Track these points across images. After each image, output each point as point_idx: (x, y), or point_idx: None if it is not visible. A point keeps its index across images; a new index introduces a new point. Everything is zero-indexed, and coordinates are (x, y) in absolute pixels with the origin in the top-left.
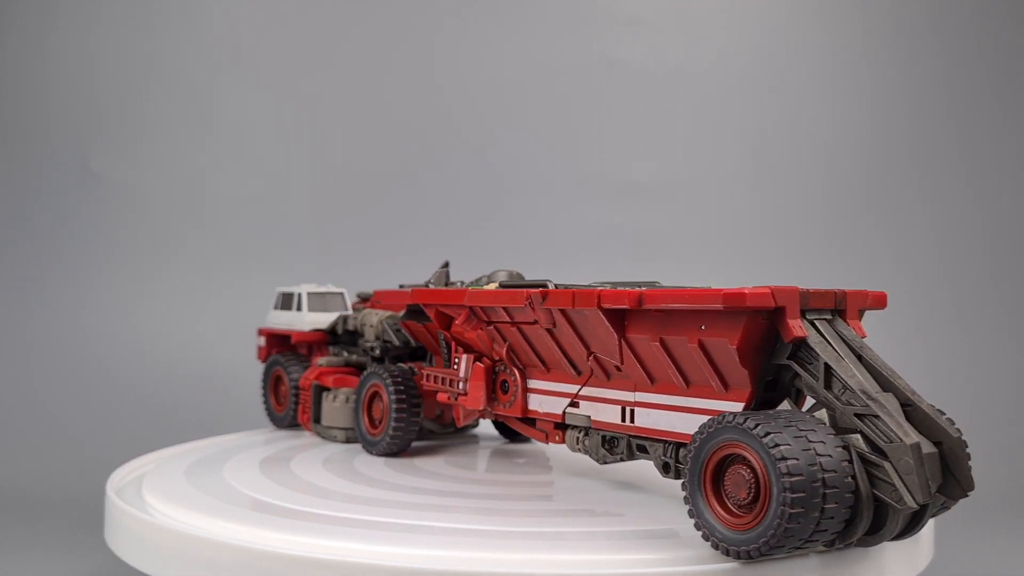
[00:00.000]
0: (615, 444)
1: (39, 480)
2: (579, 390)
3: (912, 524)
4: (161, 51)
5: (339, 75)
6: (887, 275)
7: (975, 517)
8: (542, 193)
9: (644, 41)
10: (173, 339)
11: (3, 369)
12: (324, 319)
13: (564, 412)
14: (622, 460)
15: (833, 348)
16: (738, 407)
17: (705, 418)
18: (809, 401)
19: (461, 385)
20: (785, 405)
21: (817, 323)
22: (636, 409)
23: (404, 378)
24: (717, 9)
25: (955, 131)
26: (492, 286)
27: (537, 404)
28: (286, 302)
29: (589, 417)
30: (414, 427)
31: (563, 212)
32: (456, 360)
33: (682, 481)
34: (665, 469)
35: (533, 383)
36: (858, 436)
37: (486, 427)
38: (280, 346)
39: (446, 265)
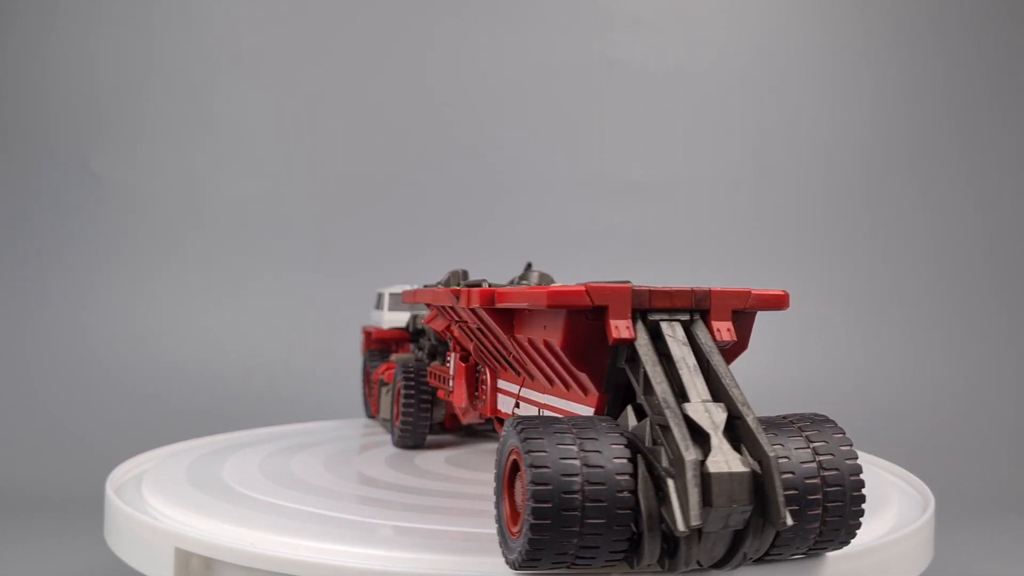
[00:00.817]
0: None
1: (39, 479)
2: (519, 390)
3: (731, 552)
4: (161, 51)
5: (339, 75)
6: (887, 275)
7: (975, 517)
8: (542, 193)
9: (644, 41)
10: (173, 338)
11: (3, 369)
12: (402, 318)
13: (513, 412)
14: None
15: (658, 352)
16: (589, 411)
17: None
18: None
19: (451, 383)
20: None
21: (663, 324)
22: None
23: (416, 373)
24: (717, 9)
25: (955, 131)
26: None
27: (503, 404)
28: (377, 301)
29: None
30: (423, 421)
31: (563, 212)
32: (448, 358)
33: None
34: None
35: (502, 383)
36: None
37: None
38: (375, 343)
39: (529, 266)
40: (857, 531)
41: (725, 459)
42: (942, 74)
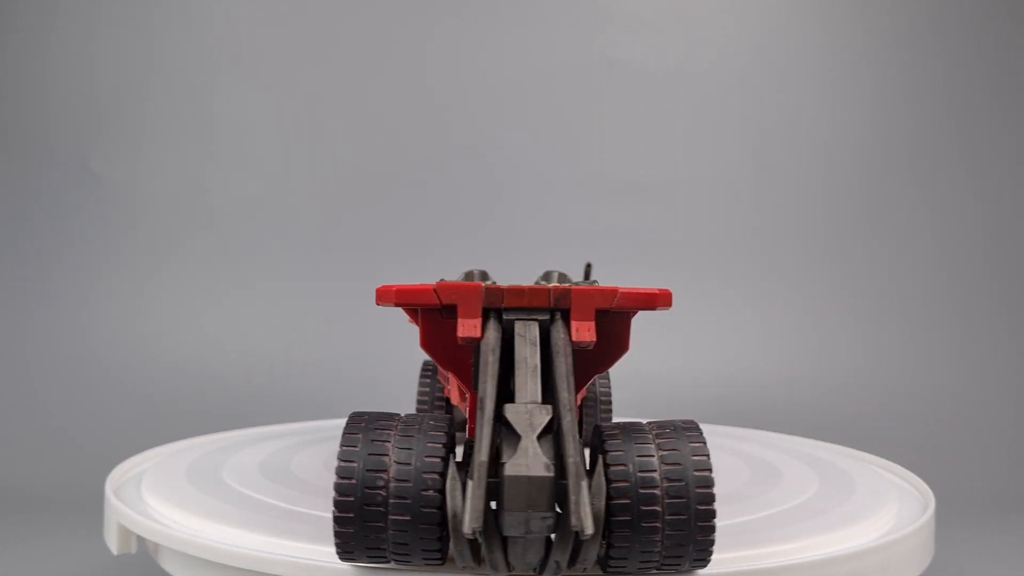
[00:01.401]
0: None
1: (38, 479)
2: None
3: (546, 560)
4: (161, 51)
5: (339, 75)
6: (887, 275)
7: (975, 517)
8: (542, 193)
9: (644, 41)
10: (173, 338)
11: (3, 369)
12: None
13: None
14: None
15: (496, 352)
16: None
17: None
18: None
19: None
20: None
21: (518, 324)
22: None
23: (432, 370)
24: (717, 9)
25: (955, 131)
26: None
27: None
28: None
29: None
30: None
31: (563, 212)
32: None
33: None
34: None
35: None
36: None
37: None
38: None
39: (589, 266)
40: (710, 549)
41: (527, 462)
42: (943, 74)
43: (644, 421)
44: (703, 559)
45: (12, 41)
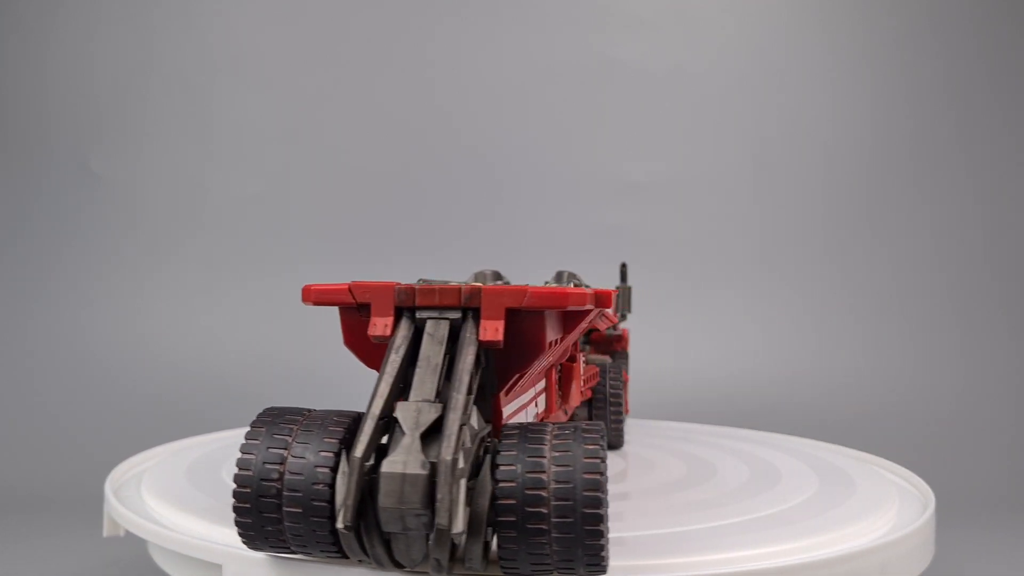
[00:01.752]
0: None
1: (38, 479)
2: None
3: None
4: (161, 51)
5: (338, 75)
6: (888, 274)
7: (975, 517)
8: (542, 193)
9: (644, 41)
10: (173, 338)
11: (3, 369)
12: None
13: None
14: None
15: (401, 351)
16: None
17: None
18: None
19: None
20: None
21: (429, 323)
22: None
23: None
24: (717, 9)
25: (955, 131)
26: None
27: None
28: None
29: None
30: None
31: (563, 212)
32: None
33: None
34: None
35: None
36: None
37: None
38: None
39: (624, 266)
40: (601, 554)
41: (404, 460)
42: (943, 74)
43: (552, 423)
44: (596, 564)
45: (12, 41)
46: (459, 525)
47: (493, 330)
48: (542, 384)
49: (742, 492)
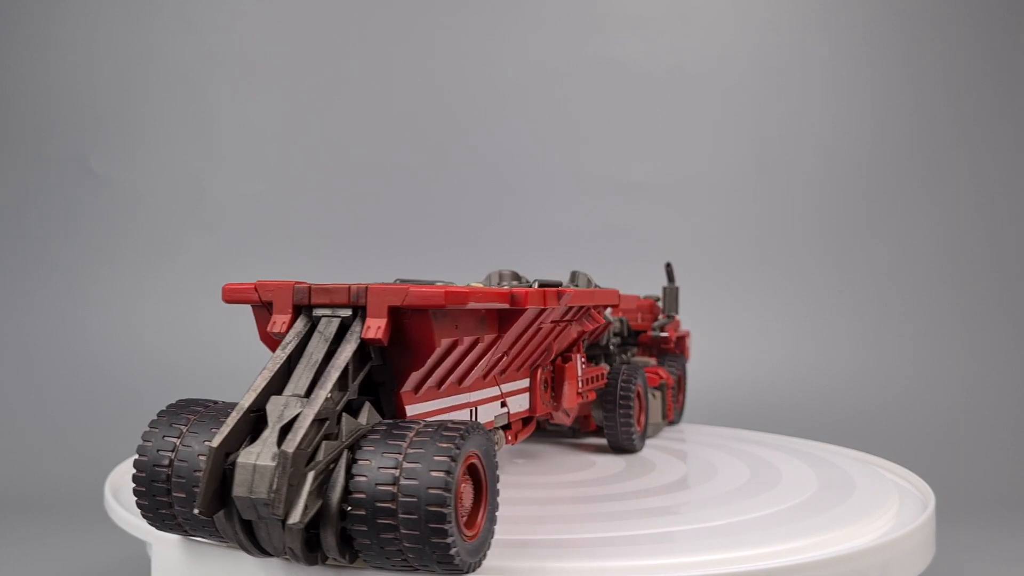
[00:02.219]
0: None
1: (38, 479)
2: None
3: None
4: (161, 51)
5: (339, 76)
6: (888, 274)
7: (975, 517)
8: (543, 193)
9: (644, 41)
10: (173, 339)
11: (3, 369)
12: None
13: None
14: None
15: (287, 348)
16: None
17: None
18: None
19: None
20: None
21: (322, 320)
22: None
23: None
24: (718, 9)
25: (956, 130)
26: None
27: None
28: None
29: None
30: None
31: (563, 212)
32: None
33: None
34: None
35: None
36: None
37: None
38: None
39: (669, 265)
40: (451, 553)
41: (259, 451)
42: (943, 75)
43: (423, 421)
44: (447, 562)
45: (13, 41)
46: (296, 516)
47: (375, 328)
48: (523, 383)
49: (742, 492)
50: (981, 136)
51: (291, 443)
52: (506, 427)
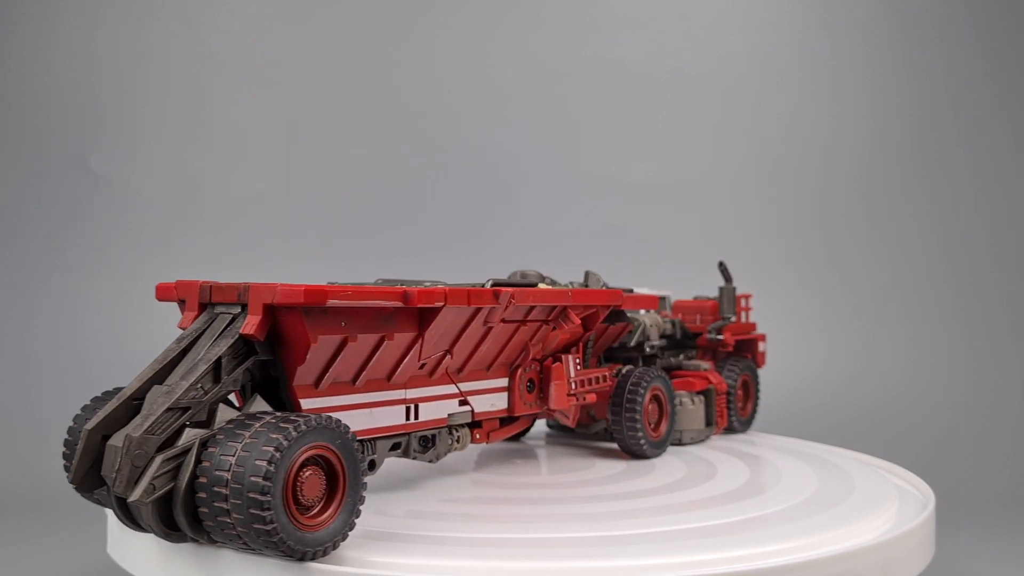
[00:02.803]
0: None
1: (39, 479)
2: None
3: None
4: (161, 51)
5: (340, 76)
6: (888, 274)
7: (975, 517)
8: (543, 193)
9: (645, 41)
10: (173, 338)
11: (3, 369)
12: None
13: None
14: None
15: (183, 342)
16: None
17: None
18: None
19: None
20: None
21: (218, 318)
22: None
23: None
24: (718, 9)
25: (957, 130)
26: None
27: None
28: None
29: None
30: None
31: (564, 212)
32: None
33: None
34: None
35: None
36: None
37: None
38: None
39: (722, 263)
40: (274, 540)
41: (124, 434)
42: (943, 74)
43: (273, 415)
44: (275, 547)
45: (13, 41)
46: (135, 495)
47: (251, 324)
48: (498, 382)
49: (742, 492)
50: (981, 136)
51: (138, 428)
52: (474, 425)
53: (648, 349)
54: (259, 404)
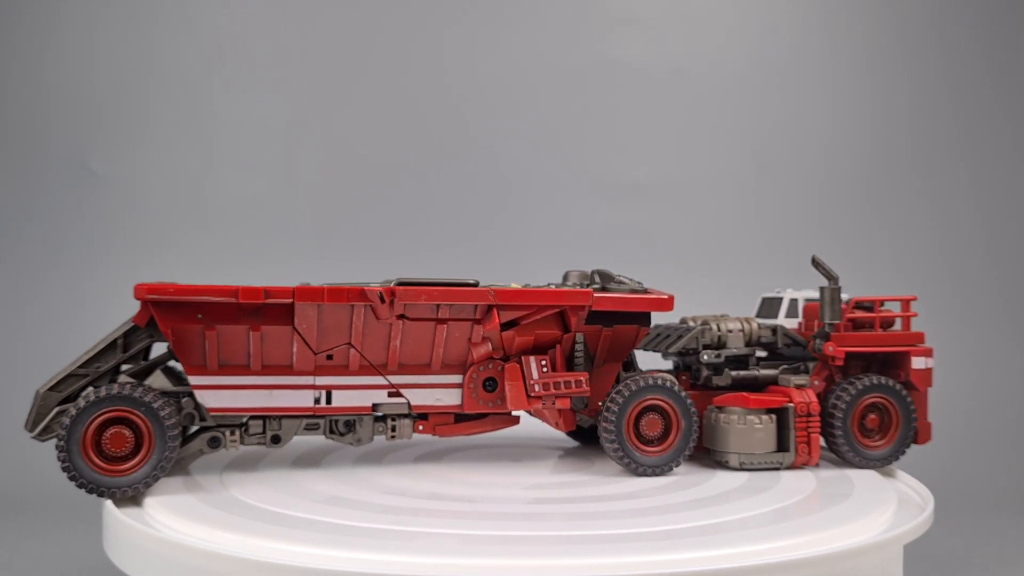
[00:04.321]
0: None
1: (38, 479)
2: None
3: None
4: (161, 51)
5: (341, 76)
6: (888, 274)
7: (975, 516)
8: (544, 193)
9: (645, 41)
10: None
11: (2, 369)
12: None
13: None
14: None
15: (120, 329)
16: None
17: None
18: None
19: None
20: None
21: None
22: None
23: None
24: (718, 9)
25: (957, 131)
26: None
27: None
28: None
29: None
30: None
31: (564, 212)
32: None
33: None
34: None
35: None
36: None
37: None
38: None
39: (815, 258)
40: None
41: (36, 390)
42: (944, 74)
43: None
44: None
45: (12, 41)
46: (35, 433)
47: (138, 315)
48: (448, 379)
49: (741, 491)
50: (981, 136)
51: (46, 386)
52: (419, 417)
53: (708, 358)
54: (157, 377)
